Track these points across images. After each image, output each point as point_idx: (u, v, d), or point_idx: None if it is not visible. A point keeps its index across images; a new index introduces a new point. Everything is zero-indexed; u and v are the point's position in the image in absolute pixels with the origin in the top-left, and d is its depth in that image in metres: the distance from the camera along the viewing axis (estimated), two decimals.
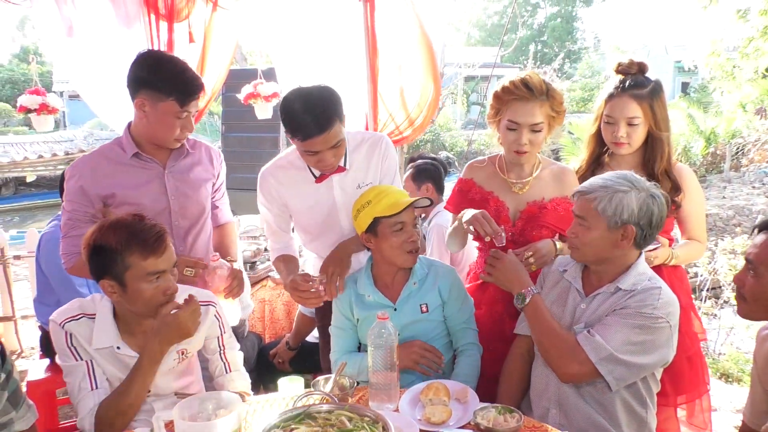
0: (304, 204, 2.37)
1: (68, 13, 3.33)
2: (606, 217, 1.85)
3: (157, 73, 2.13)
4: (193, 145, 2.39)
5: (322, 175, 2.31)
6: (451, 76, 14.63)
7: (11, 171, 13.70)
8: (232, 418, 1.61)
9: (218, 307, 2.08)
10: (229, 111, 5.98)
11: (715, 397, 3.44)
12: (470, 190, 2.34)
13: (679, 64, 22.95)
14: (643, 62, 2.37)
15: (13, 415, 1.70)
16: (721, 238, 6.17)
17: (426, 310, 2.21)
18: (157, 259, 1.79)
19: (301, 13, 3.95)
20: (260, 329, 3.73)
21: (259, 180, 2.38)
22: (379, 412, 1.63)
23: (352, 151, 2.34)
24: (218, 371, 2.11)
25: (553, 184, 2.31)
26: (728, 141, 12.74)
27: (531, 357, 2.14)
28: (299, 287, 2.18)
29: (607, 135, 2.37)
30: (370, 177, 2.36)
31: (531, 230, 2.25)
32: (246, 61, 9.65)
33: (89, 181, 2.20)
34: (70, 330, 1.85)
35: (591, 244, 1.91)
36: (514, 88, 2.14)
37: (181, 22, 3.52)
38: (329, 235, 2.42)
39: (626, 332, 1.83)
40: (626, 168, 2.38)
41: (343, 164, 2.30)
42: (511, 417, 1.71)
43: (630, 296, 1.88)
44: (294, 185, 2.35)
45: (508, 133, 2.20)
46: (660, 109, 2.32)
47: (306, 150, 2.14)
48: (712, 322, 4.91)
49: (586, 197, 1.90)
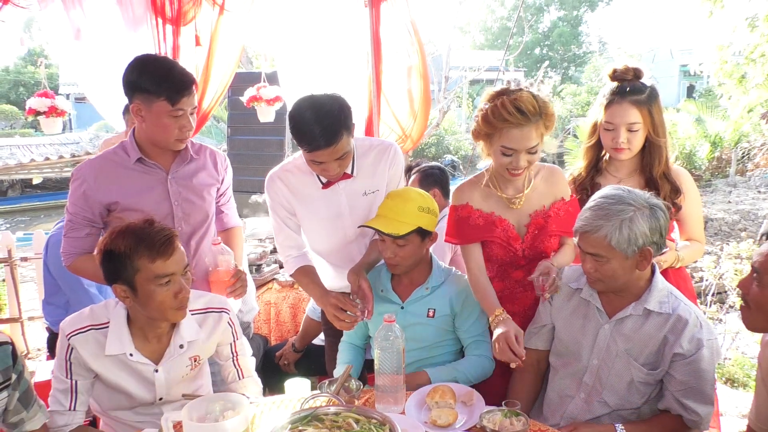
0: (311, 209, 2.36)
1: (76, 16, 3.36)
2: (621, 248, 1.81)
3: (145, 74, 2.12)
4: (198, 150, 2.39)
5: (329, 181, 2.30)
6: (456, 80, 14.63)
7: (18, 173, 13.78)
8: (240, 419, 1.62)
9: (231, 314, 2.09)
10: (235, 114, 6.01)
11: (721, 402, 3.43)
12: (470, 216, 2.22)
13: (685, 68, 22.90)
14: (639, 68, 2.35)
15: (24, 415, 1.72)
16: (726, 243, 6.16)
17: (432, 315, 2.21)
18: (165, 261, 1.79)
19: (306, 18, 3.97)
20: (266, 331, 3.74)
21: (267, 183, 2.38)
22: (386, 415, 1.64)
23: (360, 158, 2.33)
24: (231, 377, 2.14)
25: (547, 190, 2.26)
26: (734, 145, 12.72)
27: (541, 367, 2.14)
28: (344, 308, 2.12)
29: (607, 141, 2.36)
30: (376, 184, 2.35)
31: (541, 242, 2.22)
32: (252, 65, 9.68)
33: (93, 187, 2.21)
34: (74, 344, 1.86)
35: (614, 276, 1.87)
36: (507, 113, 1.98)
37: (188, 25, 3.55)
38: (334, 240, 2.43)
39: (706, 381, 1.85)
40: (625, 172, 2.39)
41: (350, 171, 2.29)
42: (517, 420, 1.71)
43: (671, 327, 1.86)
44: (301, 190, 2.35)
45: (502, 157, 2.07)
46: (657, 114, 2.32)
47: (311, 160, 2.14)
48: (717, 327, 4.90)
49: (594, 236, 1.83)
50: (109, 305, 1.94)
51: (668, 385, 1.88)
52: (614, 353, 1.93)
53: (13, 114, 23.17)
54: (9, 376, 1.65)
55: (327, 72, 4.06)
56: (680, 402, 1.86)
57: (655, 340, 1.88)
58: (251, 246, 4.05)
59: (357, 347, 2.43)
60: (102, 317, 1.90)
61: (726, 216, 9.29)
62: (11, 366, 1.66)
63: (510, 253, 2.22)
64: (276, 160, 4.57)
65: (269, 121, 4.60)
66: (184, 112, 2.16)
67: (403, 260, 2.14)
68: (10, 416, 1.69)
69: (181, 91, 2.13)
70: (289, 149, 5.81)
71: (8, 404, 1.67)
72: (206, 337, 2.01)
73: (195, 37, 3.60)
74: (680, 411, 1.86)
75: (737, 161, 13.28)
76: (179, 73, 2.16)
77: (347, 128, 2.09)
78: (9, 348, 1.66)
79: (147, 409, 1.99)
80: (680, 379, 1.85)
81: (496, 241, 2.21)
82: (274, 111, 4.55)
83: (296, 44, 4.06)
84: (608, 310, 1.98)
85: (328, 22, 4.00)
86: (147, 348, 1.92)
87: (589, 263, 1.90)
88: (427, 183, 3.54)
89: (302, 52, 4.06)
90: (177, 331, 1.94)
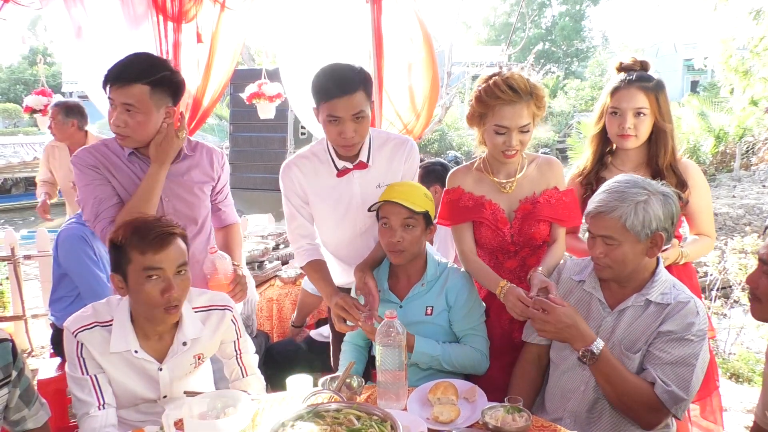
0: (323, 197, 2.37)
1: (77, 14, 3.36)
2: (635, 231, 1.81)
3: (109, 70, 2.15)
4: (194, 147, 2.38)
5: (344, 169, 2.32)
6: (459, 75, 14.60)
7: (21, 171, 13.83)
8: (241, 416, 1.62)
9: (234, 311, 2.09)
10: (237, 111, 6.01)
11: (726, 398, 3.42)
12: (461, 198, 2.29)
13: (689, 63, 22.83)
14: (646, 60, 2.36)
15: (25, 412, 1.72)
16: (730, 237, 6.14)
17: (430, 313, 2.21)
18: (155, 255, 1.78)
19: (308, 14, 3.96)
20: (268, 328, 3.74)
21: (282, 170, 2.39)
22: (387, 411, 1.63)
23: (376, 149, 2.36)
24: (234, 375, 2.15)
25: (540, 178, 2.28)
26: (738, 139, 12.67)
27: (542, 362, 2.13)
28: (348, 310, 2.10)
29: (613, 128, 2.34)
30: (390, 177, 2.36)
31: (529, 227, 2.24)
32: (254, 61, 9.67)
33: (98, 164, 2.21)
34: (82, 340, 1.85)
35: (624, 261, 1.86)
36: (499, 91, 2.07)
37: (189, 22, 3.54)
38: (343, 232, 2.43)
39: (689, 369, 1.80)
40: (630, 166, 2.38)
41: (365, 160, 2.33)
42: (520, 416, 1.70)
43: (667, 314, 1.85)
44: (316, 177, 2.36)
45: (495, 136, 2.14)
46: (664, 102, 2.31)
47: (329, 115, 2.15)
48: (722, 322, 4.88)
49: (609, 216, 1.83)
50: (111, 302, 1.94)
51: (649, 359, 1.86)
52: (611, 344, 1.91)
53: (17, 112, 23.23)
54: (9, 373, 1.65)
55: None
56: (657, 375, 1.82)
57: (651, 329, 1.87)
58: (253, 243, 4.05)
59: (359, 347, 2.42)
60: (105, 315, 1.90)
61: (730, 210, 9.26)
62: (11, 363, 1.66)
63: (498, 237, 2.25)
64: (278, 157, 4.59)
65: (270, 117, 4.60)
66: (114, 102, 2.13)
67: (410, 245, 2.15)
68: (12, 414, 1.70)
69: (110, 80, 2.12)
70: (291, 146, 5.80)
71: (9, 401, 1.67)
72: (210, 334, 2.01)
73: (196, 34, 3.60)
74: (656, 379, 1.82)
75: (741, 155, 13.23)
76: (121, 64, 2.14)
77: (365, 86, 2.17)
78: (9, 345, 1.67)
79: (150, 407, 1.99)
80: (659, 354, 1.83)
81: (485, 222, 2.24)
82: (275, 108, 4.54)
83: (298, 41, 4.05)
84: (611, 302, 1.97)
85: (330, 18, 3.99)
86: (150, 345, 1.92)
87: (599, 248, 1.88)
88: (428, 179, 3.53)
89: (304, 48, 4.05)
90: (180, 328, 1.94)
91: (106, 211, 2.19)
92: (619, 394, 1.84)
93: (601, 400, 1.94)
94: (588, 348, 1.85)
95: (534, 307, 1.93)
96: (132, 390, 1.93)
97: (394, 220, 2.13)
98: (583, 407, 1.96)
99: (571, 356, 1.99)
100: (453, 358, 2.15)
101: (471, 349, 2.19)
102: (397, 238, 2.13)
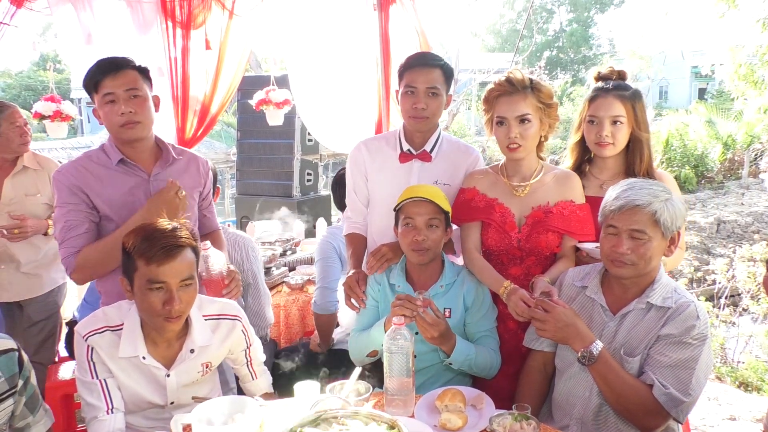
0: (381, 177, 2.52)
1: (86, 20, 3.39)
2: (665, 227, 1.82)
3: (86, 74, 2.13)
4: (180, 152, 2.38)
5: (407, 152, 2.48)
6: (466, 82, 14.63)
7: None
8: (249, 421, 1.62)
9: (244, 321, 2.10)
10: (245, 117, 6.01)
11: (734, 406, 3.39)
12: (473, 199, 2.31)
13: (696, 70, 22.77)
14: (623, 70, 2.39)
15: (30, 419, 1.73)
16: (739, 245, 6.11)
17: (449, 315, 2.21)
18: (159, 267, 1.76)
19: (316, 21, 3.98)
20: (275, 334, 3.74)
21: (352, 150, 2.62)
22: (394, 418, 1.63)
23: (444, 147, 2.50)
24: (245, 378, 2.22)
25: (557, 189, 2.27)
26: (746, 147, 12.62)
27: (548, 370, 2.13)
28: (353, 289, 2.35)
29: (591, 136, 2.35)
30: (450, 178, 2.47)
31: (537, 235, 2.23)
32: (261, 68, 9.71)
33: (77, 183, 2.17)
34: (92, 344, 1.86)
35: (650, 258, 1.85)
36: (498, 85, 2.19)
37: (198, 29, 3.57)
38: (390, 219, 2.40)
39: (689, 372, 1.79)
40: (608, 174, 2.39)
41: (429, 150, 2.47)
42: (528, 424, 1.69)
43: (668, 317, 1.85)
44: (379, 158, 2.53)
45: (498, 130, 2.19)
46: (641, 111, 2.33)
47: (407, 86, 2.37)
48: (730, 330, 4.85)
49: (645, 210, 1.82)
50: (122, 307, 1.94)
51: (648, 362, 1.86)
52: (612, 349, 1.91)
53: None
54: (15, 383, 1.66)
55: (337, 75, 4.07)
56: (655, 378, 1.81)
57: (652, 333, 1.87)
58: (261, 249, 4.05)
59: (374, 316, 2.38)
60: (116, 319, 1.90)
61: (739, 218, 9.22)
62: (17, 373, 1.66)
63: (505, 241, 2.24)
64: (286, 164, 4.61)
65: (278, 124, 4.60)
66: (117, 96, 2.11)
67: (433, 244, 2.20)
68: (17, 421, 1.70)
69: (102, 73, 2.10)
70: (298, 152, 5.80)
71: (15, 410, 1.68)
72: (219, 343, 2.02)
73: (205, 41, 3.62)
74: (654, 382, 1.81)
75: (750, 163, 13.18)
76: (105, 61, 2.14)
77: (444, 70, 2.39)
78: (15, 355, 1.67)
79: (158, 413, 1.99)
80: (658, 357, 1.83)
81: (493, 224, 2.25)
82: (283, 114, 4.55)
83: (306, 47, 4.07)
84: (613, 307, 1.97)
85: (338, 25, 4.01)
86: (159, 352, 1.92)
87: (626, 243, 1.86)
88: None
89: (312, 55, 4.07)
90: (189, 335, 1.94)
91: (72, 239, 2.16)
92: (617, 396, 1.84)
93: (606, 405, 1.93)
94: (587, 348, 1.85)
95: (536, 307, 1.94)
96: (140, 395, 1.93)
97: (419, 220, 2.18)
98: (588, 414, 1.95)
99: (574, 362, 1.99)
100: (480, 360, 2.16)
101: (490, 350, 2.21)
102: (423, 236, 2.17)
